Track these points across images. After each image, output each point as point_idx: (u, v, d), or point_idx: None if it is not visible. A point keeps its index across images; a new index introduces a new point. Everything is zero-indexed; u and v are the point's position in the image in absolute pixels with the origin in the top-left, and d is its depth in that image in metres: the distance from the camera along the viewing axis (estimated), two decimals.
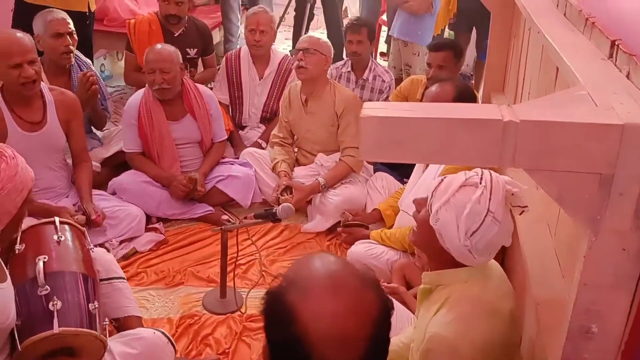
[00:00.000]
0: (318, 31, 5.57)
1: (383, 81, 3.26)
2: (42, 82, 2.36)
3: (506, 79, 2.79)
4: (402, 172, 2.91)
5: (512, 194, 1.27)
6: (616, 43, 1.20)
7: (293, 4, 4.37)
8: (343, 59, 3.61)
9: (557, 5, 1.78)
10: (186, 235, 2.68)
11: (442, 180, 1.32)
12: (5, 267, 1.61)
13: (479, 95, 2.96)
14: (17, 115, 2.27)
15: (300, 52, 2.73)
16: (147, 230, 2.61)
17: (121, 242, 2.52)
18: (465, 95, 2.25)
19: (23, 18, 2.96)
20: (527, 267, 1.61)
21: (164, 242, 2.61)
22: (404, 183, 2.82)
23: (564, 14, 1.69)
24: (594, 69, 1.18)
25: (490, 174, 1.29)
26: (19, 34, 2.24)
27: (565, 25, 1.57)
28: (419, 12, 3.44)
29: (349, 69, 3.29)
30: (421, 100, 2.98)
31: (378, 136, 0.95)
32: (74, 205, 2.49)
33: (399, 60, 3.67)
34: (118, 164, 2.94)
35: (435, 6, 3.43)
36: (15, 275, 1.66)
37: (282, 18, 4.56)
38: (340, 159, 2.80)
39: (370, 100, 3.29)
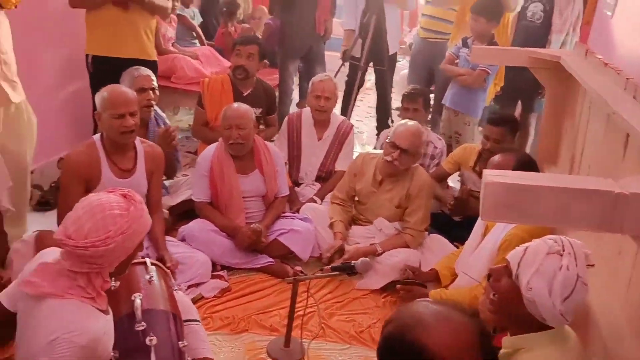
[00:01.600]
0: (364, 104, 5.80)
1: (435, 147, 3.43)
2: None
3: (559, 151, 2.93)
4: (454, 235, 3.04)
5: (586, 255, 1.37)
6: None
7: (344, 69, 4.61)
8: (389, 125, 3.79)
9: (625, 88, 1.93)
10: (248, 284, 2.79)
11: (525, 250, 1.38)
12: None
13: None
14: (112, 162, 2.47)
15: (398, 151, 2.80)
16: (213, 277, 2.73)
17: (188, 287, 2.63)
18: (526, 165, 2.38)
19: (101, 73, 3.22)
20: (594, 324, 1.68)
21: (228, 289, 2.72)
22: (455, 246, 2.94)
23: (633, 97, 1.83)
24: None
25: (568, 240, 1.39)
26: (124, 88, 2.48)
27: (636, 106, 1.71)
28: (473, 87, 3.63)
29: None
30: (474, 168, 3.14)
31: (500, 200, 1.09)
32: (145, 248, 2.63)
33: (449, 128, 3.84)
34: (182, 212, 3.11)
35: (489, 81, 3.62)
36: (112, 310, 1.79)
37: None
38: (400, 232, 2.91)
39: (422, 165, 3.43)
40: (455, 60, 3.76)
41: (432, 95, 4.56)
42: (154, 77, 2.98)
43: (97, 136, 2.50)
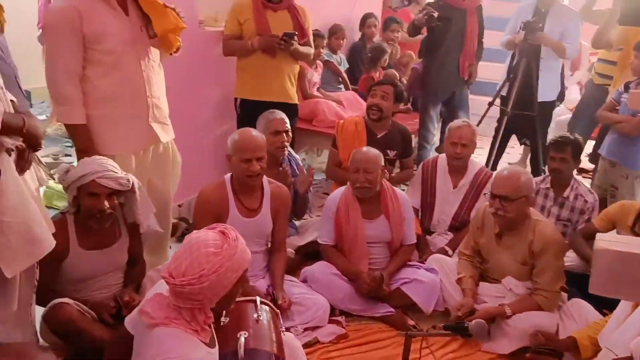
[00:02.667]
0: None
1: (586, 201, 3.09)
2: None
3: None
4: (602, 300, 2.66)
5: None
6: None
7: (492, 113, 4.41)
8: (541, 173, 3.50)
9: None
10: (366, 332, 2.71)
11: None
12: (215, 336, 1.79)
13: None
14: (239, 201, 2.59)
15: (497, 199, 2.60)
16: (330, 321, 2.69)
17: (305, 329, 2.62)
18: None
19: (247, 115, 3.44)
20: None
21: (344, 336, 2.66)
22: (603, 314, 2.58)
23: None
24: None
25: None
26: (255, 133, 2.61)
27: None
28: (631, 134, 3.24)
29: (548, 185, 3.17)
30: (632, 228, 2.76)
31: (613, 271, 0.92)
32: (268, 286, 2.69)
33: (604, 180, 3.45)
34: (310, 252, 3.14)
35: None
36: (219, 345, 1.83)
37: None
38: (532, 294, 2.64)
39: (569, 220, 3.12)
40: (616, 107, 3.40)
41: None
42: (287, 120, 3.10)
43: (227, 176, 2.65)
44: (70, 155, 4.46)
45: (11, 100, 1.80)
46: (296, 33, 3.38)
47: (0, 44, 2.56)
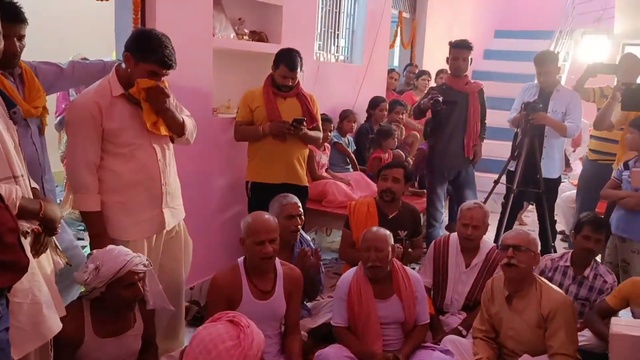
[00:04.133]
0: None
1: (605, 282, 3.09)
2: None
3: None
4: None
5: None
6: None
7: (497, 190, 4.49)
8: (551, 251, 3.50)
9: None
10: None
11: None
12: None
13: None
14: (253, 284, 2.61)
15: (510, 249, 2.71)
16: None
17: None
18: None
19: (258, 198, 3.52)
20: None
21: None
22: None
23: None
24: None
25: None
26: (267, 215, 2.67)
27: None
28: (636, 209, 3.28)
29: (568, 263, 3.18)
30: None
31: (630, 356, 0.93)
32: None
33: (615, 255, 3.46)
34: (323, 334, 3.10)
35: None
36: None
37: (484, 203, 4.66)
38: None
39: (587, 299, 3.11)
40: (619, 185, 3.46)
41: None
42: (300, 204, 3.16)
43: (240, 259, 2.68)
44: (82, 239, 4.52)
45: (33, 188, 1.87)
46: (305, 119, 3.52)
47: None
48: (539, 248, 2.81)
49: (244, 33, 3.87)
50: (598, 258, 3.65)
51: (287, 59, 3.48)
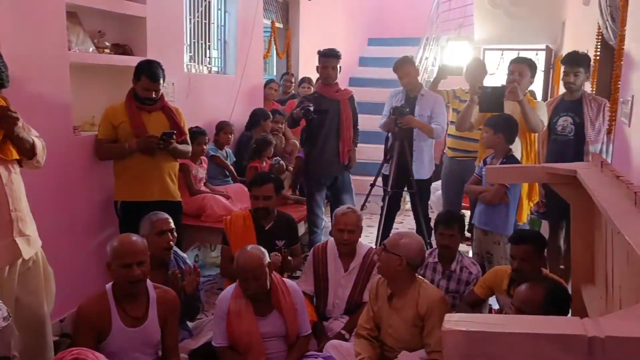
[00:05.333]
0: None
1: (470, 273, 3.27)
2: (147, 280, 2.58)
3: (595, 269, 2.72)
4: None
5: None
6: None
7: (375, 191, 4.63)
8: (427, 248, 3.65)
9: (635, 203, 1.80)
10: None
11: None
12: None
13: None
14: (123, 310, 2.47)
15: (380, 247, 2.83)
16: None
17: None
18: (556, 298, 2.22)
19: (129, 219, 3.36)
20: None
21: None
22: None
23: None
24: None
25: None
26: (135, 237, 2.54)
27: None
28: (492, 203, 3.53)
29: (436, 259, 3.33)
30: (507, 291, 2.95)
31: (463, 351, 0.97)
32: None
33: (480, 248, 3.69)
34: (206, 354, 3.00)
35: (511, 195, 3.50)
36: None
37: (363, 207, 4.79)
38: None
39: (457, 291, 3.27)
40: (480, 181, 3.70)
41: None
42: (171, 219, 3.05)
43: (109, 285, 2.53)
44: None
45: None
46: (174, 132, 3.42)
47: None
48: (414, 253, 2.79)
49: (104, 46, 3.68)
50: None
51: (148, 70, 3.37)
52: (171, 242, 3.04)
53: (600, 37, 3.89)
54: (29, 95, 3.03)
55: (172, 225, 3.06)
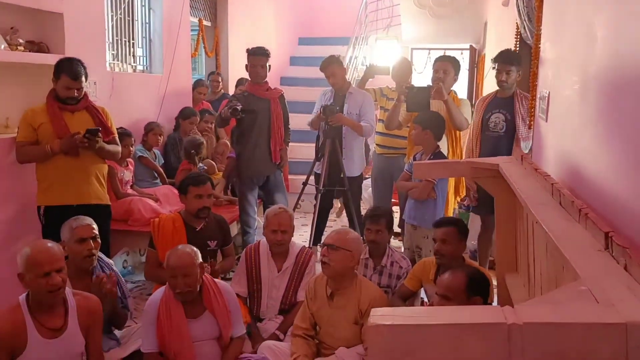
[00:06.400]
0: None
1: (400, 267, 3.32)
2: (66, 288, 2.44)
3: (518, 259, 2.83)
4: None
5: None
6: (610, 235, 1.26)
7: (308, 190, 4.63)
8: None
9: (552, 194, 1.89)
10: None
11: None
12: None
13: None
14: (39, 322, 2.32)
15: (325, 247, 2.78)
16: None
17: None
18: (478, 282, 2.28)
19: (54, 224, 3.19)
20: None
21: None
22: None
23: (559, 203, 1.78)
24: (592, 262, 1.22)
25: None
26: (50, 243, 2.39)
27: (561, 215, 1.66)
28: (420, 198, 3.61)
29: (367, 255, 3.36)
30: (434, 281, 3.02)
31: (387, 345, 0.97)
32: None
33: (410, 242, 3.76)
34: None
35: (439, 191, 3.59)
36: None
37: (296, 206, 4.78)
38: (364, 356, 2.70)
39: (388, 286, 3.31)
40: (410, 177, 3.77)
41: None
42: (95, 225, 2.91)
43: (22, 296, 2.37)
44: None
45: None
46: (99, 129, 3.28)
47: None
48: (361, 248, 2.87)
49: (18, 43, 3.47)
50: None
51: (68, 68, 3.22)
52: (93, 250, 2.88)
53: (518, 36, 4.04)
54: None
55: (95, 231, 2.90)
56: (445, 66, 3.99)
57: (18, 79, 3.62)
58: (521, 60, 3.78)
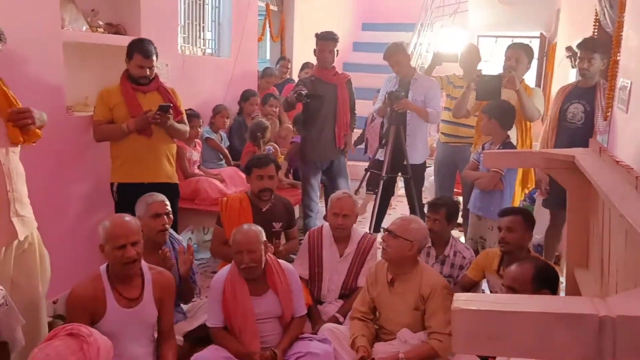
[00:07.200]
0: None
1: (464, 257, 3.28)
2: (142, 261, 2.56)
3: (589, 254, 2.74)
4: None
5: None
6: None
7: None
8: None
9: (637, 187, 1.81)
10: None
11: None
12: None
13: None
14: (118, 292, 2.45)
15: (387, 233, 2.80)
16: None
17: None
18: (546, 274, 2.23)
19: (126, 201, 3.33)
20: None
21: None
22: None
23: None
24: None
25: None
26: (127, 217, 2.51)
27: None
28: (487, 189, 3.54)
29: (429, 244, 3.34)
30: (497, 272, 2.97)
31: (471, 330, 0.97)
32: None
33: (474, 233, 3.70)
34: (200, 337, 3.00)
35: (506, 182, 3.51)
36: None
37: (356, 192, 4.78)
38: (427, 340, 2.71)
39: (450, 275, 3.28)
40: (478, 166, 3.70)
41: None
42: (167, 202, 3.03)
43: (103, 267, 2.51)
44: None
45: None
46: (171, 105, 3.38)
47: None
48: (422, 237, 2.83)
49: (98, 25, 3.62)
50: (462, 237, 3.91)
51: (140, 47, 3.34)
52: (166, 225, 3.01)
53: (597, 24, 3.86)
54: (22, 74, 2.98)
55: (168, 208, 3.03)
56: (518, 54, 3.87)
57: (97, 59, 3.77)
58: (606, 49, 3.59)
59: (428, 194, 5.42)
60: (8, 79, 2.46)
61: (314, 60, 4.52)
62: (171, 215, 3.05)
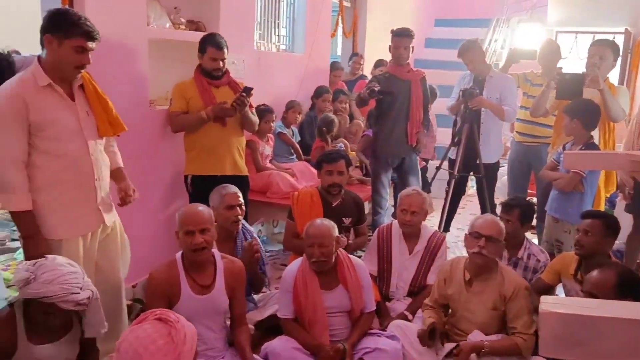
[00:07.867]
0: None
1: (538, 260, 3.19)
2: (215, 250, 2.65)
3: None
4: None
5: None
6: None
7: (441, 175, 4.58)
8: None
9: None
10: None
11: None
12: None
13: None
14: (192, 278, 2.55)
15: (483, 238, 2.74)
16: None
17: None
18: (629, 282, 2.14)
19: (199, 192, 3.45)
20: None
21: None
22: None
23: None
24: None
25: None
26: (201, 207, 2.62)
27: None
28: (565, 190, 3.41)
29: None
30: (575, 277, 2.87)
31: (558, 333, 0.95)
32: None
33: (550, 235, 3.58)
34: (270, 326, 3.08)
35: (587, 185, 3.37)
36: None
37: (427, 189, 4.74)
38: (512, 337, 2.69)
39: (524, 278, 3.19)
40: (557, 167, 3.58)
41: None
42: (240, 194, 3.12)
43: (179, 254, 2.61)
44: (17, 240, 4.31)
45: None
46: (253, 88, 3.49)
47: None
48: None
49: (180, 22, 3.77)
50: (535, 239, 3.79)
51: (212, 41, 3.47)
52: (239, 216, 3.11)
53: None
54: (110, 68, 3.14)
55: (241, 199, 3.12)
56: (603, 51, 3.70)
57: (177, 55, 3.91)
58: None
59: (500, 194, 5.29)
60: (98, 73, 2.61)
61: (384, 56, 4.51)
62: (244, 207, 3.15)
